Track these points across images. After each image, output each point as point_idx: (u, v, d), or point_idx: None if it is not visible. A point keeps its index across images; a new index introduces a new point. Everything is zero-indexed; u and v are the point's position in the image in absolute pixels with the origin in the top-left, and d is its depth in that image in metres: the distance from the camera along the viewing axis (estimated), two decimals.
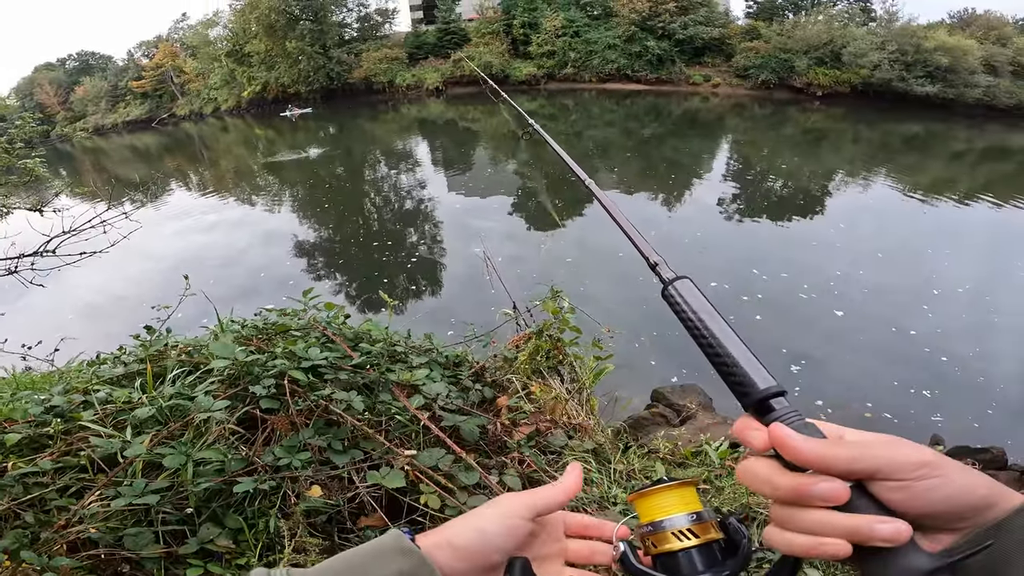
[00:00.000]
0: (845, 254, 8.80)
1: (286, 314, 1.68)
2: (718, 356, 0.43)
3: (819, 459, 0.38)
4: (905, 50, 28.27)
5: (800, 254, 8.97)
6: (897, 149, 20.12)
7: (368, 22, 41.27)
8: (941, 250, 9.09)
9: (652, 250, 0.52)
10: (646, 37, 33.73)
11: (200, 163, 24.36)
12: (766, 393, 0.40)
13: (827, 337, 6.34)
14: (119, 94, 51.36)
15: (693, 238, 9.77)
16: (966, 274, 8.10)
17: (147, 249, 9.92)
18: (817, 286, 7.56)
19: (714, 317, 0.45)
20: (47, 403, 1.35)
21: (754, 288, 7.48)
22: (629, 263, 8.18)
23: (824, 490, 0.37)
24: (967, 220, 11.36)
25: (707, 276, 7.70)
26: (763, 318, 6.78)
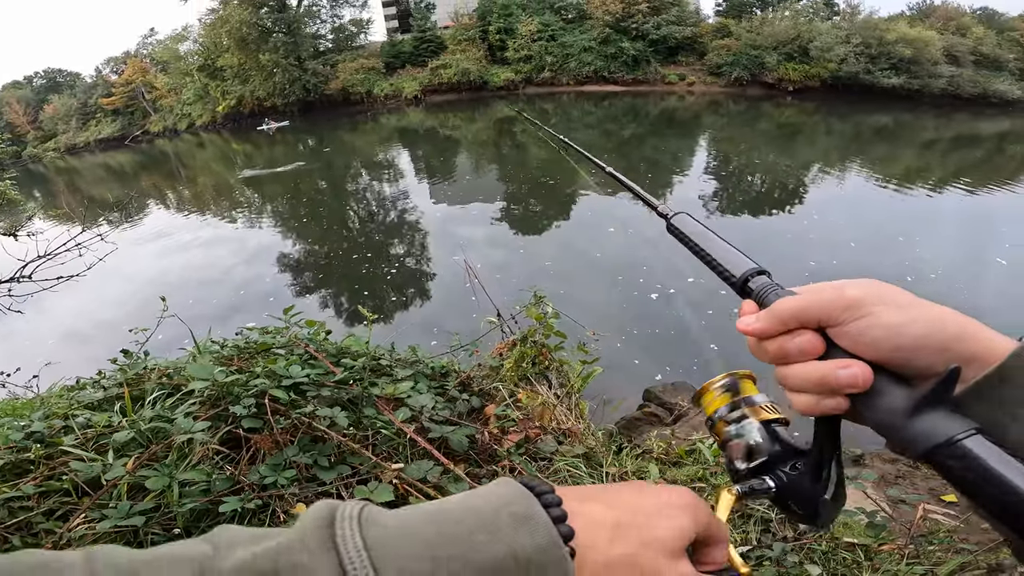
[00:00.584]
0: (820, 245, 8.99)
1: (267, 332, 1.67)
2: (709, 261, 0.50)
3: (762, 330, 0.41)
4: (869, 43, 29.06)
5: (779, 247, 9.15)
6: (869, 140, 20.63)
7: (343, 33, 41.11)
8: (913, 238, 9.31)
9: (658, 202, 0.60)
10: (620, 38, 34.18)
11: (177, 181, 23.99)
12: (743, 277, 0.45)
13: None
14: (89, 112, 50.38)
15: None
16: (940, 260, 8.31)
17: (128, 271, 9.74)
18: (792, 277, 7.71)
19: (704, 234, 0.52)
20: (27, 429, 1.34)
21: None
22: (610, 263, 8.29)
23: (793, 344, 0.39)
24: (940, 208, 11.69)
25: (684, 273, 7.81)
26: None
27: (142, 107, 48.03)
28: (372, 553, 0.29)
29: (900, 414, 0.35)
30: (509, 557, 0.30)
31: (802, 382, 0.39)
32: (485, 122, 28.80)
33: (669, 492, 0.38)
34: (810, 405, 0.39)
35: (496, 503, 0.32)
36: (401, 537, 0.30)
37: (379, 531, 0.30)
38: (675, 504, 0.37)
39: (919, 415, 0.35)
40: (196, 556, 0.29)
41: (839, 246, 8.89)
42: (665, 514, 0.36)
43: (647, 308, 6.85)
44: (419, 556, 0.29)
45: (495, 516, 0.31)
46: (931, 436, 0.34)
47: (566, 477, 1.91)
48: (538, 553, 0.30)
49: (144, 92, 47.17)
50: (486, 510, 0.32)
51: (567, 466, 1.99)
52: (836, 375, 0.37)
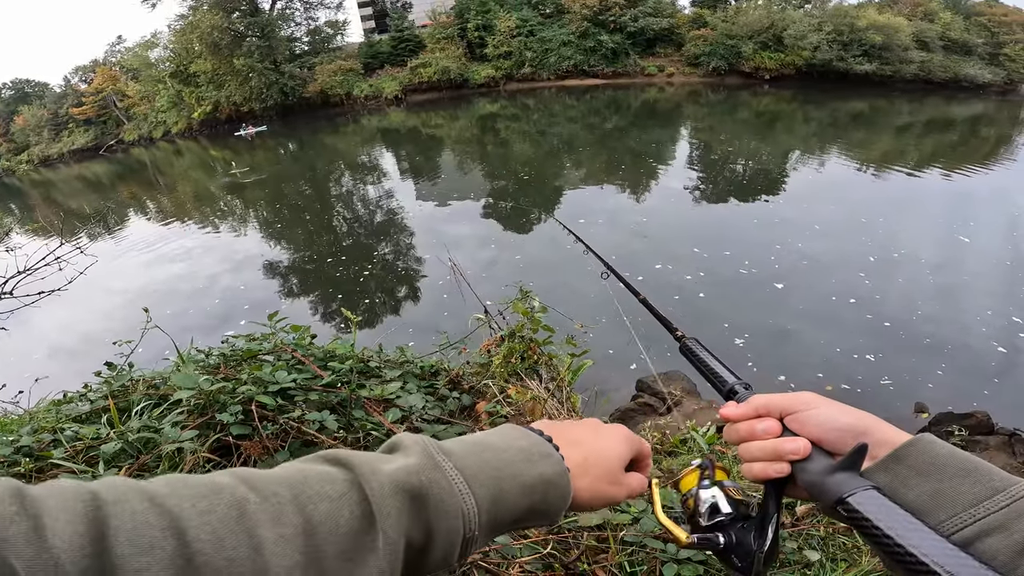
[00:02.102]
0: (797, 230, 9.12)
1: (253, 339, 1.67)
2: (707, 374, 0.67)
3: (740, 415, 0.57)
4: (841, 30, 29.47)
5: (762, 234, 9.28)
6: (845, 126, 20.97)
7: (319, 35, 40.56)
8: (879, 219, 9.46)
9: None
10: (599, 32, 34.24)
11: (156, 190, 23.56)
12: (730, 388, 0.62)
13: (771, 310, 6.60)
14: (61, 122, 49.10)
15: (669, 226, 9.99)
16: (905, 240, 8.48)
17: (111, 283, 9.56)
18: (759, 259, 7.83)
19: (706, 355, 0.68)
20: (16, 444, 1.32)
21: (723, 269, 7.70)
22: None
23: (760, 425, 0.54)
24: (913, 190, 11.95)
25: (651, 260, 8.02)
26: (736, 296, 6.97)
27: (115, 116, 46.95)
28: (463, 473, 0.43)
29: (822, 474, 0.48)
30: (540, 478, 0.47)
31: (760, 452, 0.53)
32: (468, 120, 28.69)
33: (614, 429, 0.58)
34: (763, 469, 0.53)
35: (526, 443, 0.49)
36: (473, 462, 0.44)
37: (456, 458, 0.44)
38: (618, 438, 0.57)
39: (835, 475, 0.47)
40: (337, 473, 0.39)
41: (815, 230, 9.07)
42: (612, 447, 0.55)
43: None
44: (488, 475, 0.44)
45: (529, 451, 0.48)
46: (841, 488, 0.46)
47: None
48: (556, 476, 0.48)
49: (116, 101, 46.10)
50: (522, 446, 0.48)
51: None
52: (786, 446, 0.51)
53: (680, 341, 0.73)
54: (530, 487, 0.46)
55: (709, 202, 11.63)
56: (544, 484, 0.46)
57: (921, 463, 0.46)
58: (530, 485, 0.46)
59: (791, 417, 0.53)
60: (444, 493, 0.41)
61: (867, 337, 5.89)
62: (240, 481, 0.35)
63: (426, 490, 0.40)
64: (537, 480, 0.46)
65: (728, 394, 0.62)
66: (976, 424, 4.21)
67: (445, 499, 0.41)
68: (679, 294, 6.98)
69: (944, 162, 14.01)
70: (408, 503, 0.39)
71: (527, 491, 0.45)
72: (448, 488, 0.41)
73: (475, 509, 0.42)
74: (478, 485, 0.43)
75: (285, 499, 0.35)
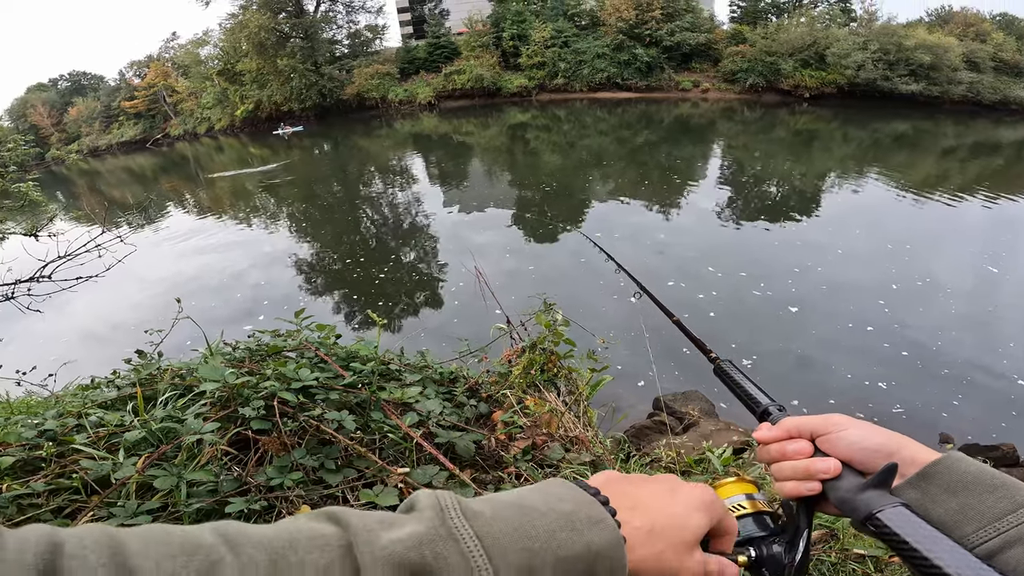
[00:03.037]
0: (819, 254, 8.85)
1: (279, 335, 1.69)
2: (741, 396, 0.69)
3: (773, 436, 0.59)
4: (887, 49, 28.63)
5: (782, 256, 9.02)
6: (887, 147, 20.31)
7: (359, 38, 41.63)
8: (905, 246, 9.10)
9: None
10: (634, 45, 34.14)
11: (196, 184, 24.43)
12: (763, 409, 0.65)
13: (783, 333, 6.44)
14: (112, 114, 51.48)
15: (687, 244, 9.84)
16: (931, 267, 8.15)
17: (145, 272, 9.89)
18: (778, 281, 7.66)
19: (740, 377, 0.70)
20: (40, 427, 1.36)
21: (744, 292, 7.53)
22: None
23: (792, 446, 0.57)
24: (949, 216, 11.43)
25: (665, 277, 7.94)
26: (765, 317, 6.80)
27: (163, 111, 48.99)
28: (483, 542, 0.36)
29: (853, 491, 0.51)
30: (586, 550, 0.38)
31: (792, 471, 0.56)
32: (498, 128, 28.91)
33: (693, 492, 0.49)
34: (795, 488, 0.55)
35: (571, 506, 0.41)
36: (503, 528, 0.37)
37: (482, 523, 0.37)
38: (697, 505, 0.48)
39: (865, 492, 0.50)
40: (331, 536, 0.34)
41: (828, 253, 8.83)
42: (689, 516, 0.46)
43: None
44: (519, 546, 0.37)
45: (573, 516, 0.40)
46: (871, 505, 0.49)
47: None
48: (607, 549, 0.39)
49: (165, 96, 48.12)
50: (565, 509, 0.40)
51: (574, 473, 1.97)
52: (817, 465, 0.54)
53: (714, 363, 0.75)
54: (572, 561, 0.38)
55: (733, 222, 11.40)
56: (591, 557, 0.38)
57: (949, 480, 0.48)
58: (572, 559, 0.38)
59: (823, 438, 0.56)
60: (455, 572, 0.34)
61: (882, 365, 5.72)
62: (222, 540, 0.31)
63: (430, 569, 0.33)
64: (583, 552, 0.38)
65: (762, 415, 0.65)
66: (1001, 456, 4.15)
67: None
68: (689, 312, 6.86)
69: (987, 188, 13.41)
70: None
71: (567, 566, 0.38)
72: (461, 565, 0.34)
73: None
74: (502, 558, 0.35)
75: (261, 564, 0.31)
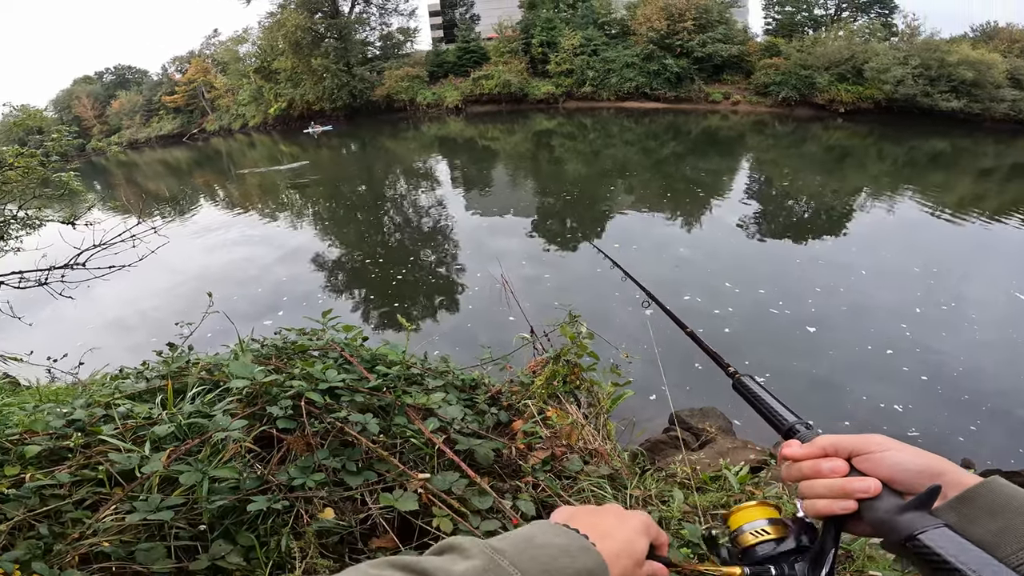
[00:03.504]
0: (842, 274, 8.61)
1: (305, 334, 1.69)
2: (764, 413, 0.68)
3: (805, 454, 0.59)
4: (928, 64, 27.81)
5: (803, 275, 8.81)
6: (923, 166, 19.71)
7: (390, 40, 42.31)
8: (932, 268, 8.82)
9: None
10: (664, 55, 33.89)
11: (227, 178, 25.08)
12: (790, 426, 0.64)
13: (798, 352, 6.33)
14: (153, 108, 53.27)
15: (707, 259, 9.68)
16: (958, 292, 7.88)
17: (172, 263, 10.14)
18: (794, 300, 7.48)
19: (761, 392, 0.70)
20: (69, 416, 1.37)
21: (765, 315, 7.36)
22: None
23: (827, 464, 0.57)
24: (983, 239, 11.01)
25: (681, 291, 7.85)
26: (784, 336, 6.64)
27: (201, 106, 50.51)
28: (518, 567, 0.45)
29: (892, 512, 0.51)
30: (585, 571, 0.48)
31: (826, 490, 0.56)
32: (524, 134, 28.99)
33: (636, 520, 0.59)
34: (827, 506, 0.55)
35: (565, 540, 0.51)
36: (525, 559, 0.46)
37: (509, 556, 0.46)
38: (641, 529, 0.58)
39: (905, 514, 0.50)
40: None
41: (852, 274, 8.59)
42: (638, 539, 0.57)
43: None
44: (539, 570, 0.46)
45: (568, 547, 0.50)
46: (913, 526, 0.48)
47: (590, 496, 1.88)
48: (596, 568, 0.49)
49: (204, 91, 49.60)
50: (561, 543, 0.50)
51: (592, 486, 1.95)
52: (855, 484, 0.54)
53: (733, 377, 0.73)
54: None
55: (756, 238, 11.16)
56: (586, 574, 0.49)
57: (992, 502, 0.49)
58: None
59: (862, 457, 0.56)
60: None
61: (900, 388, 5.59)
62: None
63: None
64: (582, 572, 0.48)
65: (788, 433, 0.64)
66: (1022, 484, 3.90)
67: None
68: (703, 327, 6.72)
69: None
70: None
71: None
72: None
73: None
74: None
75: None
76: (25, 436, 1.31)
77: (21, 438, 1.30)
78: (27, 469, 1.21)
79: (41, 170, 4.74)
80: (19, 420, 1.38)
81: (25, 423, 1.35)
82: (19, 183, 4.68)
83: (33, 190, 4.93)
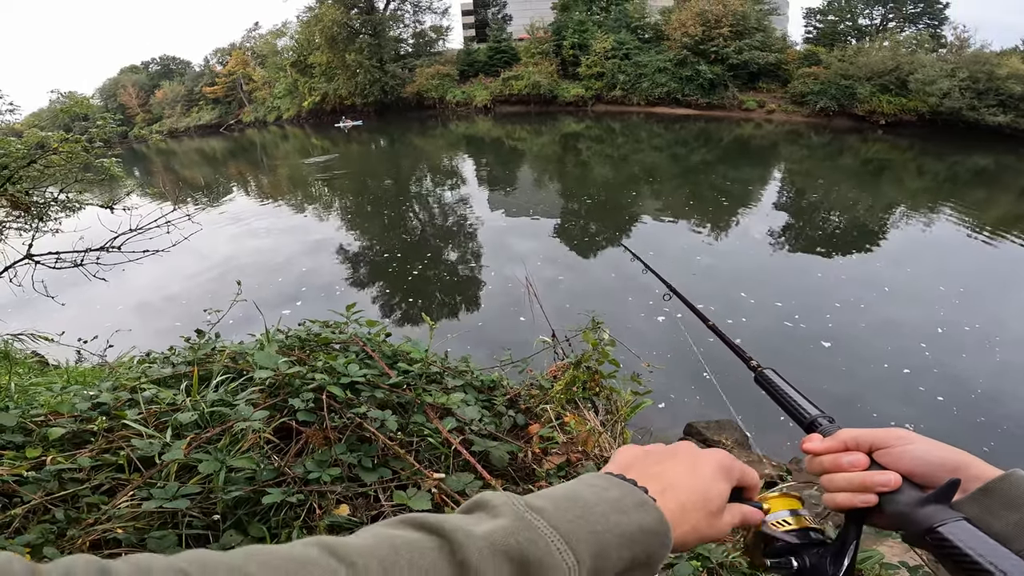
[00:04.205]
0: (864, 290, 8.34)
1: (328, 326, 1.70)
2: (786, 406, 0.67)
3: (827, 448, 0.58)
4: (977, 77, 26.72)
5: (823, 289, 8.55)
6: (965, 182, 18.94)
7: (423, 38, 42.71)
8: (958, 288, 8.47)
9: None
10: (698, 61, 33.31)
11: (259, 169, 25.66)
12: (811, 420, 0.63)
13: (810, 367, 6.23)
14: (193, 99, 54.90)
15: (726, 269, 9.47)
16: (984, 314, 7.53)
17: (203, 250, 10.41)
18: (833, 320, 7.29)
19: (784, 386, 0.69)
20: (95, 399, 1.39)
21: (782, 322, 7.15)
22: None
23: (847, 459, 0.56)
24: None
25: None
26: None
27: (239, 98, 51.85)
28: (559, 531, 0.40)
29: (912, 505, 0.51)
30: (639, 529, 0.44)
31: (846, 483, 0.55)
32: (551, 136, 28.89)
33: (711, 461, 0.53)
34: (848, 499, 0.54)
35: (617, 493, 0.46)
36: (567, 518, 0.41)
37: (548, 515, 0.41)
38: (717, 473, 0.52)
39: (925, 507, 0.50)
40: (427, 539, 0.36)
41: (873, 290, 8.34)
42: (712, 486, 0.51)
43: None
44: (586, 531, 0.41)
45: (621, 502, 0.45)
46: (932, 519, 0.48)
47: None
48: (655, 524, 0.45)
49: (243, 84, 50.90)
50: (612, 496, 0.45)
51: None
52: (876, 478, 0.53)
53: (755, 371, 0.73)
54: (630, 539, 0.43)
55: (777, 250, 10.87)
56: (644, 535, 0.44)
57: (1011, 496, 0.48)
58: (629, 537, 0.43)
59: (884, 451, 0.56)
60: (543, 554, 0.38)
61: (913, 408, 5.45)
62: (329, 553, 0.33)
63: (525, 552, 0.37)
64: (636, 531, 0.44)
65: (809, 427, 0.63)
66: None
67: (545, 560, 0.38)
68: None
69: None
70: (508, 567, 0.37)
71: (628, 544, 0.43)
72: (546, 548, 0.38)
73: (576, 569, 0.39)
74: (576, 542, 0.40)
75: (374, 572, 0.33)
76: (50, 417, 1.32)
77: (46, 419, 1.31)
78: (49, 452, 1.22)
79: (84, 155, 4.91)
80: (45, 400, 1.40)
81: (51, 404, 1.37)
82: (62, 167, 4.85)
83: (75, 174, 5.10)
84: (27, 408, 1.37)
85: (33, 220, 5.02)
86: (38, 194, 5.14)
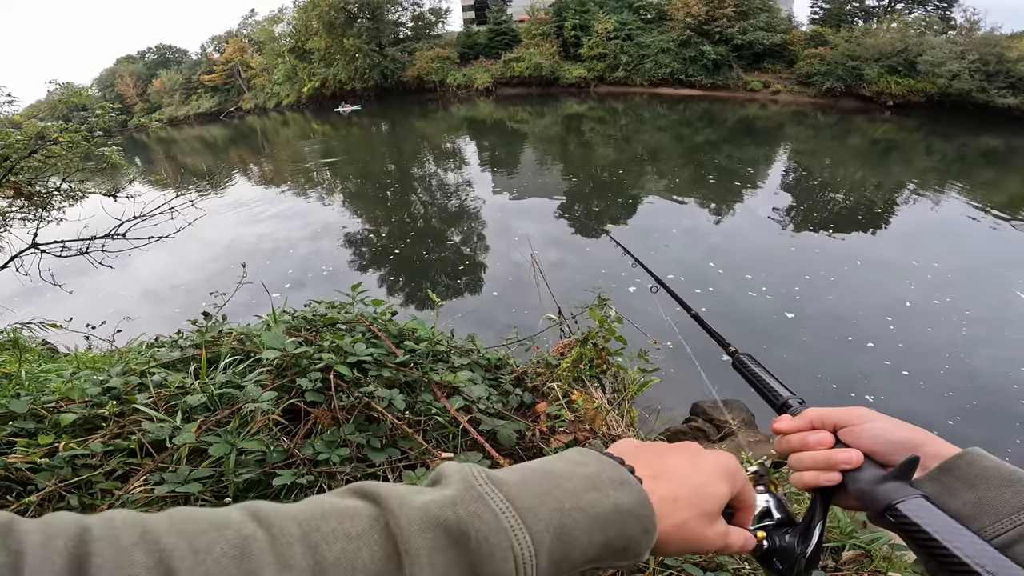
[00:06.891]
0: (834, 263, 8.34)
1: (334, 307, 1.69)
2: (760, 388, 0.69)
3: (794, 427, 0.59)
4: (987, 60, 26.32)
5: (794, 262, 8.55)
6: (973, 163, 18.69)
7: (422, 21, 42.09)
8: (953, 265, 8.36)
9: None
10: (702, 42, 32.77)
11: (261, 155, 25.54)
12: (783, 402, 0.65)
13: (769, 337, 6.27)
14: (192, 87, 54.51)
15: (730, 250, 9.41)
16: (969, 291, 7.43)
17: (206, 236, 10.42)
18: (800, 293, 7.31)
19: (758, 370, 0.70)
20: (105, 384, 1.39)
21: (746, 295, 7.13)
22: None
23: (813, 437, 0.56)
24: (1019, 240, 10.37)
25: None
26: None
27: (238, 85, 51.44)
28: (515, 505, 0.36)
29: (873, 483, 0.51)
30: (615, 510, 0.39)
31: (812, 462, 0.55)
32: (553, 118, 28.59)
33: (716, 460, 0.50)
34: (814, 478, 0.55)
35: (594, 468, 0.41)
36: (528, 492, 0.37)
37: (508, 488, 0.37)
38: (721, 474, 0.48)
39: (885, 484, 0.50)
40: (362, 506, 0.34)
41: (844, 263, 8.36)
42: (712, 485, 0.47)
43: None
44: (548, 507, 0.37)
45: (596, 478, 0.40)
46: (891, 496, 0.49)
47: None
48: (636, 507, 0.40)
49: (241, 71, 50.45)
50: (587, 472, 0.41)
51: None
52: (838, 456, 0.54)
53: (733, 356, 0.74)
54: (603, 519, 0.38)
55: (782, 231, 10.72)
56: (620, 516, 0.39)
57: (968, 474, 0.49)
58: (602, 516, 0.38)
59: (846, 430, 0.56)
60: (488, 529, 0.34)
61: (876, 380, 5.45)
62: (250, 517, 0.32)
63: (465, 526, 0.34)
64: (611, 511, 0.39)
65: (781, 408, 0.65)
66: None
67: (490, 536, 0.34)
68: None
69: None
70: (443, 541, 0.33)
71: (600, 524, 0.38)
72: (494, 523, 0.34)
73: (530, 549, 0.35)
74: (534, 519, 0.36)
75: (295, 537, 0.31)
76: (61, 404, 1.32)
77: (57, 406, 1.32)
78: (62, 438, 1.22)
79: (84, 145, 4.88)
80: (56, 387, 1.41)
81: (62, 390, 1.37)
82: (63, 157, 4.83)
83: (76, 164, 5.09)
84: (38, 395, 1.37)
85: (37, 209, 5.03)
86: (40, 184, 5.14)
